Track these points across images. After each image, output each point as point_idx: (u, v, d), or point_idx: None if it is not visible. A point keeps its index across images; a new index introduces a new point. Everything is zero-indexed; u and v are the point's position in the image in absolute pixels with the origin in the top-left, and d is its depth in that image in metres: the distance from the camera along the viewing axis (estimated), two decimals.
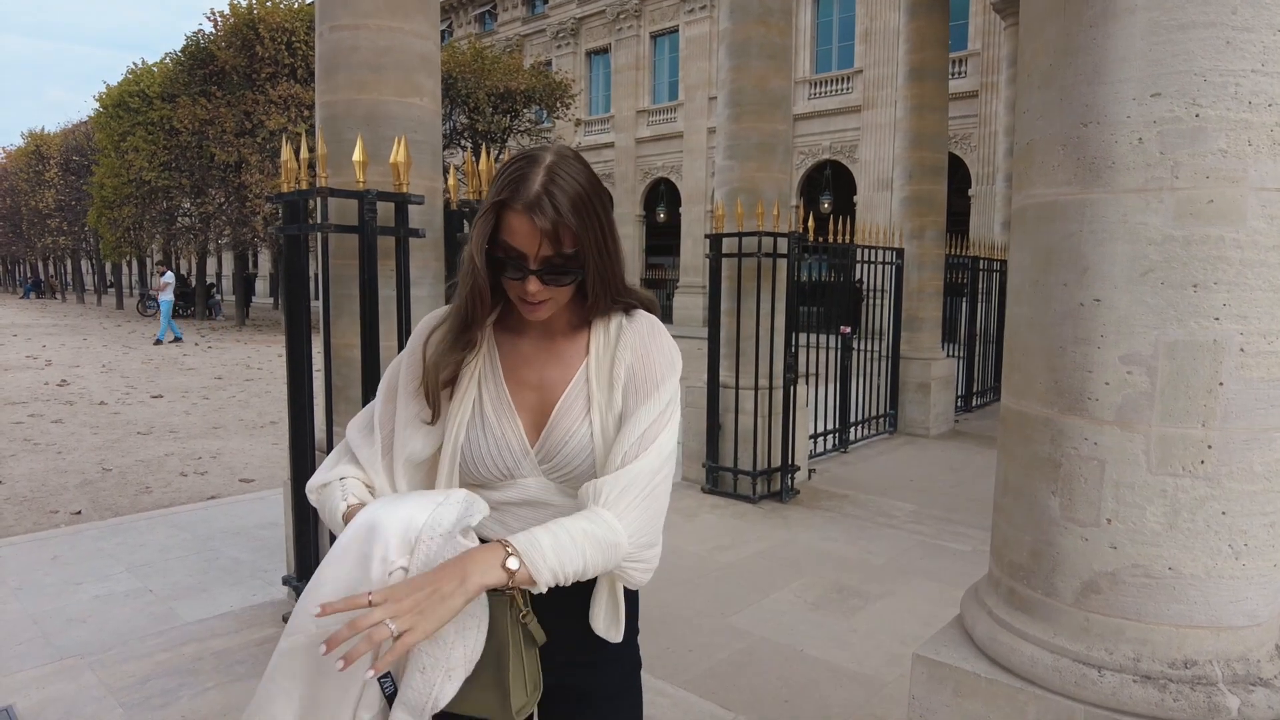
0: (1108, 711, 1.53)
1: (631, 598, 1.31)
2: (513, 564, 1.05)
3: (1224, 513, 1.51)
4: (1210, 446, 1.51)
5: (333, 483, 1.24)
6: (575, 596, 1.22)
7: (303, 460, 3.46)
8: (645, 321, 1.28)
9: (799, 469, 5.81)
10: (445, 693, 1.08)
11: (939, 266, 8.36)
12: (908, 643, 3.31)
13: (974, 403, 9.54)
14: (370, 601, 0.97)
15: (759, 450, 5.55)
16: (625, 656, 1.32)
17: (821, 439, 6.97)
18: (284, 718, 1.08)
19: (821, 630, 3.58)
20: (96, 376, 12.50)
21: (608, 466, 1.19)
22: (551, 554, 1.07)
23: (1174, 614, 1.53)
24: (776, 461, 5.62)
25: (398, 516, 1.09)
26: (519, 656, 1.14)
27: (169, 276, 19.68)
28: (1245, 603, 1.53)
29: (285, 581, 3.63)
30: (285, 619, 3.52)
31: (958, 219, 14.97)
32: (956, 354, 9.12)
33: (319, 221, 3.26)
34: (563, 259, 1.15)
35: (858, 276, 7.56)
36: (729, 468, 5.64)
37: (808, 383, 6.29)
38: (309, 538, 3.45)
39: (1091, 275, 1.57)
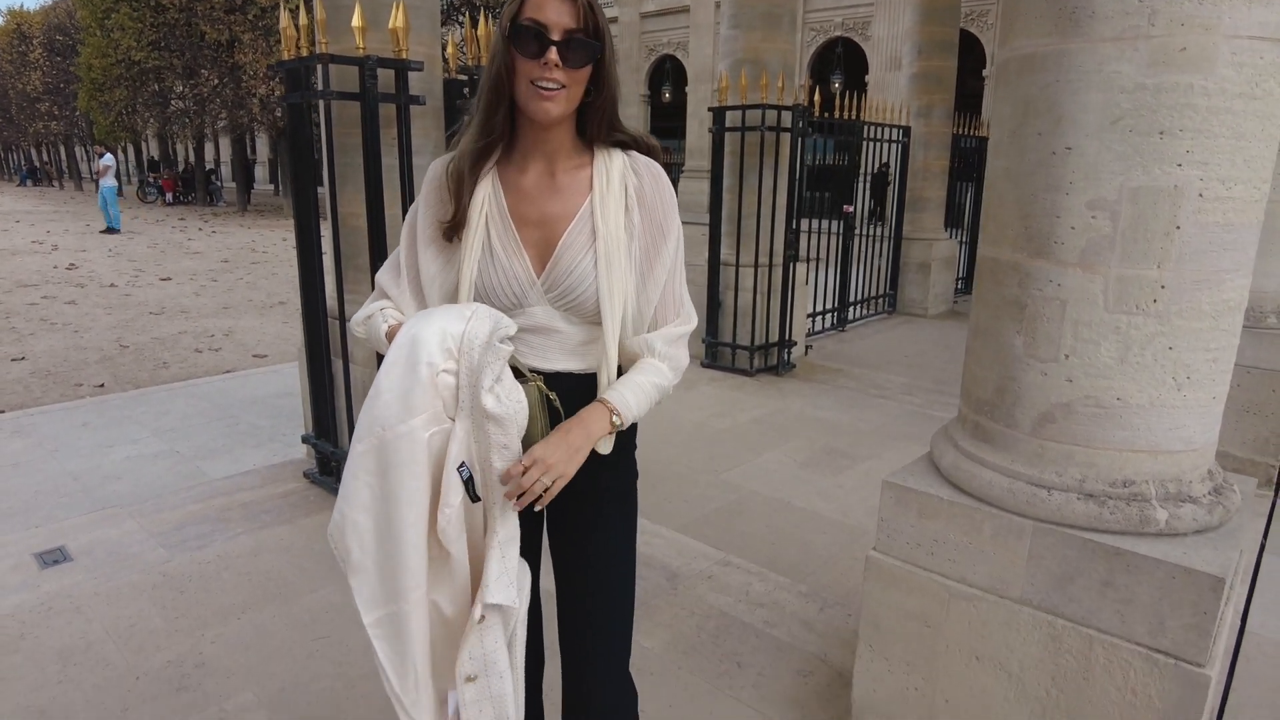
0: (1052, 525, 1.71)
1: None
2: (615, 420, 1.33)
3: (1171, 348, 1.64)
4: (1164, 287, 1.62)
5: (374, 314, 1.43)
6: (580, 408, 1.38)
7: (315, 326, 3.61)
8: (646, 163, 1.39)
9: (796, 344, 5.96)
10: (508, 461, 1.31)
11: (945, 146, 8.25)
12: None
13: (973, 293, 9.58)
14: (525, 467, 1.24)
15: (757, 326, 5.69)
16: (624, 466, 1.48)
17: (820, 318, 7.10)
18: (364, 501, 1.29)
19: (809, 486, 3.81)
20: (104, 260, 12.58)
21: (641, 315, 1.38)
22: (634, 406, 1.36)
23: (1118, 440, 1.69)
24: (774, 337, 5.77)
25: (434, 328, 1.26)
26: (545, 426, 1.35)
27: (108, 159, 18.45)
28: (1183, 430, 1.68)
29: (305, 440, 3.85)
30: (306, 475, 3.78)
31: (971, 100, 14.54)
32: (960, 239, 9.12)
33: (321, 89, 3.28)
34: (583, 38, 1.26)
35: (884, 161, 7.46)
36: (727, 343, 5.80)
37: (809, 266, 6.35)
38: (325, 398, 3.64)
39: (1065, 124, 1.64)
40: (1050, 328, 1.71)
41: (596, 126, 1.35)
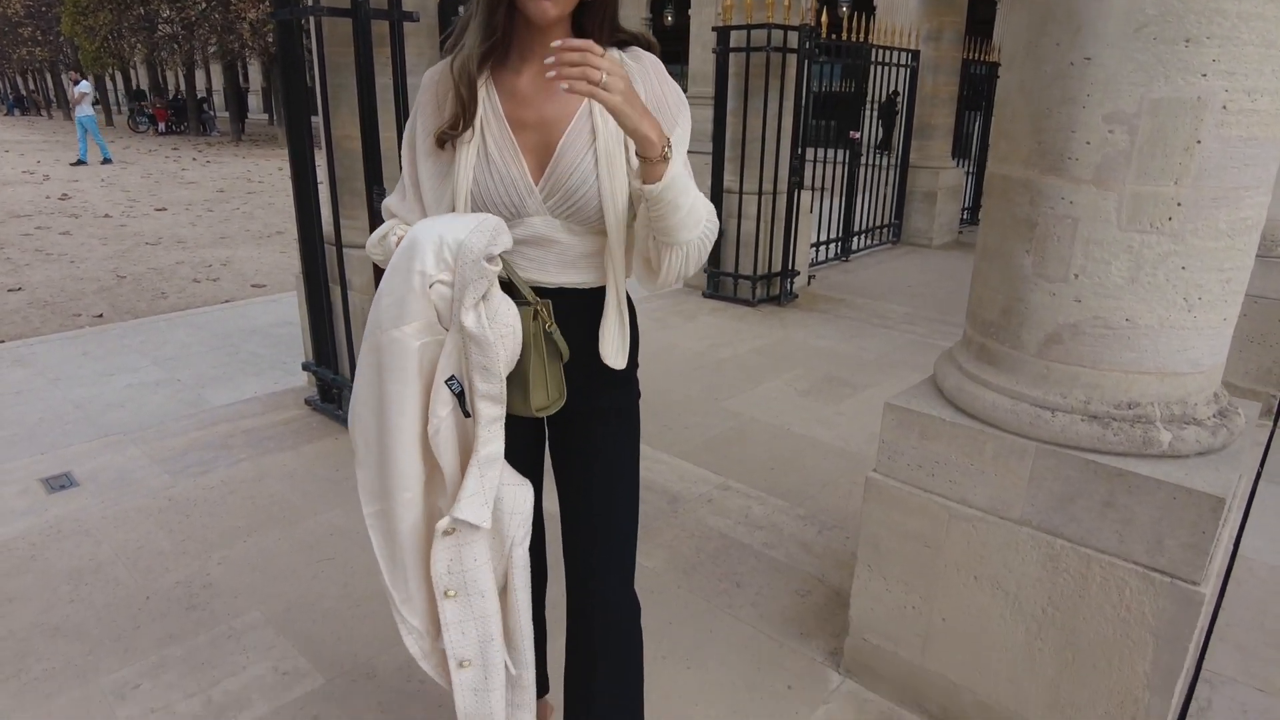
0: (1054, 446, 1.70)
1: (632, 326, 1.44)
2: (665, 150, 1.18)
3: (1184, 268, 1.60)
4: (1180, 204, 1.57)
5: (387, 233, 1.41)
6: (586, 332, 1.37)
7: (312, 251, 3.56)
8: (650, 58, 1.33)
9: (799, 274, 5.91)
10: (502, 384, 1.27)
11: (955, 71, 8.01)
12: None
13: (980, 215, 9.47)
14: (601, 54, 1.09)
15: (760, 255, 5.62)
16: (628, 383, 1.46)
17: (823, 247, 7.02)
18: (365, 397, 1.31)
19: (809, 413, 3.82)
20: (97, 190, 12.40)
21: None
22: (681, 174, 1.22)
23: (1125, 361, 1.67)
24: (777, 266, 5.71)
25: (432, 234, 1.24)
26: (540, 362, 1.31)
27: (85, 85, 17.01)
28: (1191, 351, 1.66)
29: (305, 367, 3.84)
30: (308, 402, 3.78)
31: (981, 26, 14.05)
32: (967, 168, 8.95)
33: (311, 4, 3.15)
34: None
35: (894, 88, 7.25)
36: (729, 273, 5.74)
37: (813, 195, 6.24)
38: (324, 325, 3.62)
39: (1085, 33, 1.57)
40: (1060, 247, 1.67)
41: (596, 26, 1.29)
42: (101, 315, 5.77)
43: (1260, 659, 2.19)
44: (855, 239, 7.45)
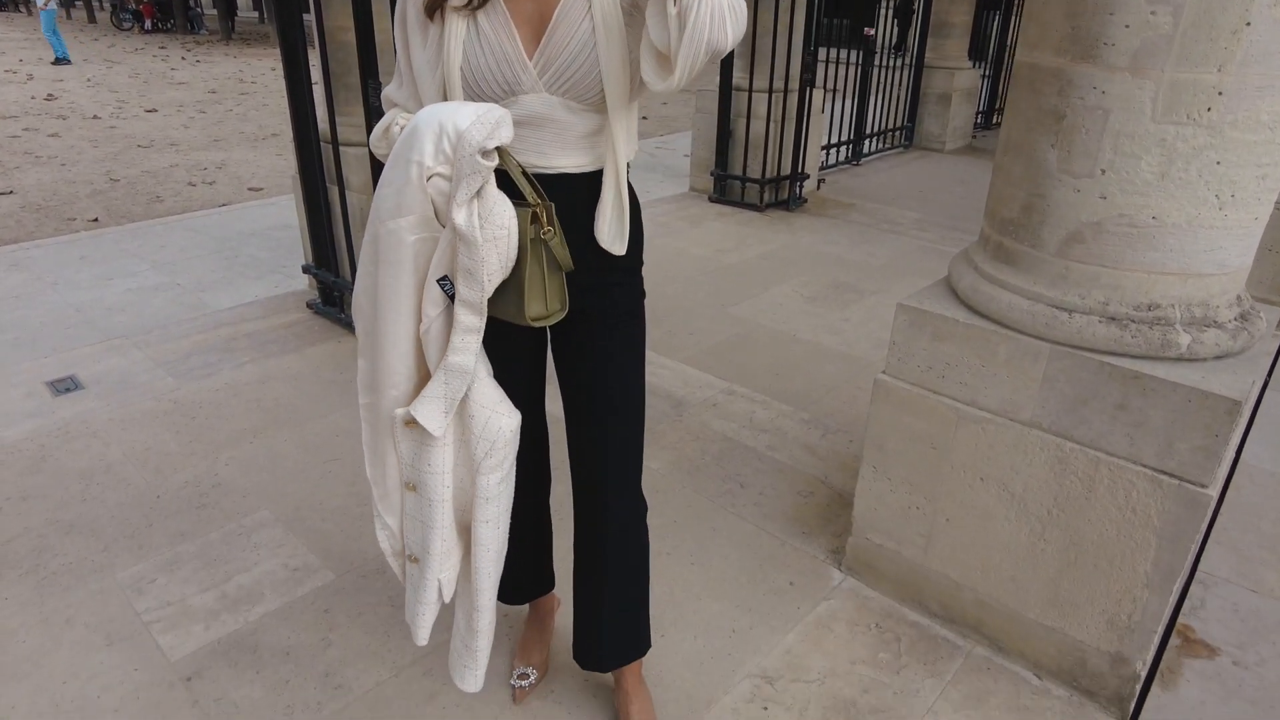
0: (1070, 348, 1.67)
1: (635, 219, 1.37)
2: None
3: (1219, 163, 1.53)
4: (1221, 93, 1.48)
5: (390, 124, 1.32)
6: (586, 219, 1.30)
7: (308, 151, 3.45)
8: None
9: (808, 177, 5.76)
10: (488, 291, 1.20)
11: None
12: None
13: (994, 120, 9.18)
14: None
15: (769, 158, 5.46)
16: (632, 275, 1.41)
17: (834, 150, 6.82)
18: (364, 286, 1.27)
19: (815, 319, 3.78)
20: (83, 91, 12.02)
21: (655, 36, 1.11)
22: None
23: (1148, 261, 1.61)
24: (786, 169, 5.56)
25: (434, 123, 1.15)
26: (539, 270, 1.22)
27: None
28: (1219, 252, 1.60)
29: (305, 270, 3.79)
30: (309, 305, 3.75)
31: None
32: (984, 70, 8.61)
33: None
34: None
35: None
36: (737, 176, 5.59)
37: (825, 95, 6.01)
38: (323, 227, 3.54)
39: None
40: (1089, 140, 1.59)
41: None
42: (96, 219, 5.68)
43: (1254, 561, 2.22)
44: (867, 142, 7.23)
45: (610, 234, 1.31)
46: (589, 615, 1.64)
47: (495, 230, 1.17)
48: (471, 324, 1.22)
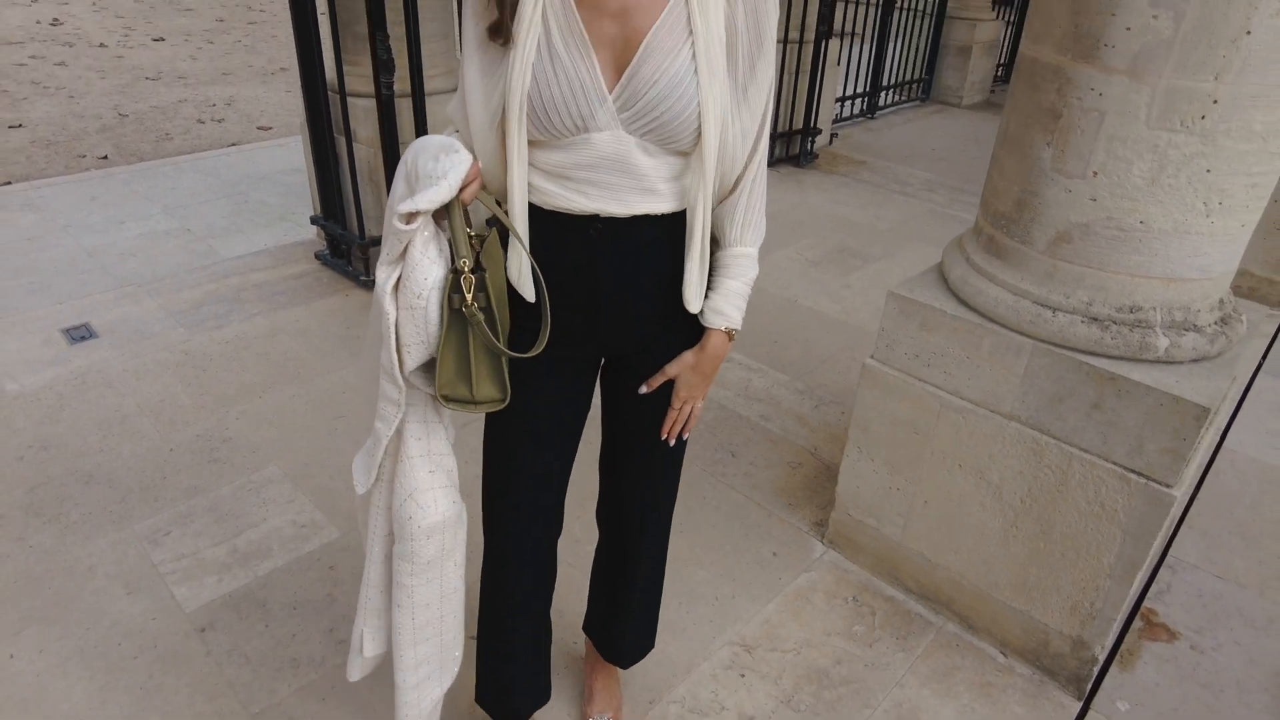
0: (1051, 346, 1.71)
1: None
2: (733, 337, 1.28)
3: (1209, 170, 1.54)
4: (1216, 101, 1.49)
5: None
6: (657, 264, 1.20)
7: (315, 101, 3.45)
8: None
9: (820, 133, 5.68)
10: (405, 363, 1.14)
11: None
12: None
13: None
14: (684, 401, 1.31)
15: (781, 111, 5.39)
16: (695, 322, 1.27)
17: (849, 103, 6.71)
18: (370, 355, 1.20)
19: (817, 285, 3.81)
20: (89, 15, 11.81)
21: (733, 159, 1.13)
22: (740, 317, 1.27)
23: (1133, 264, 1.64)
24: (798, 124, 5.49)
25: (409, 155, 1.09)
26: (458, 346, 1.13)
27: None
28: (1203, 258, 1.63)
29: (313, 221, 3.82)
30: (317, 256, 3.79)
31: None
32: (1009, 17, 8.36)
33: None
34: None
35: None
36: None
37: (842, 42, 5.88)
38: (330, 178, 3.56)
39: None
40: (1083, 141, 1.60)
41: None
42: (106, 157, 5.68)
43: (1223, 547, 2.29)
44: (883, 95, 7.10)
45: (694, 292, 1.20)
46: (614, 618, 1.65)
47: (411, 299, 1.08)
48: (389, 394, 1.15)
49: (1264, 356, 3.26)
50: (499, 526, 1.40)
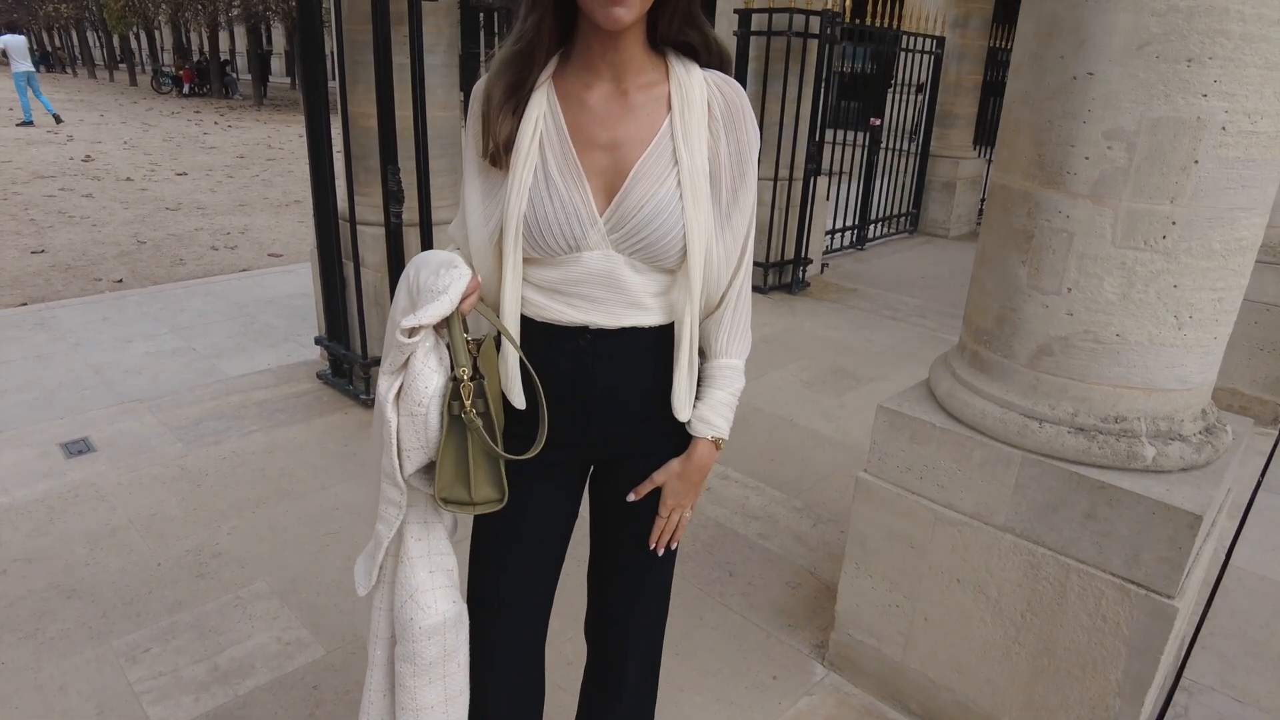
0: (1040, 456, 1.73)
1: None
2: (720, 446, 1.30)
3: (1176, 286, 1.62)
4: (1175, 223, 1.58)
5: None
6: (644, 374, 1.24)
7: (327, 227, 3.61)
8: (737, 98, 1.17)
9: (811, 262, 5.90)
10: (404, 467, 1.18)
11: (979, 60, 7.91)
12: None
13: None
14: (672, 509, 1.31)
15: (773, 242, 5.62)
16: (682, 430, 1.29)
17: (839, 235, 7.00)
18: (372, 461, 1.24)
19: (813, 405, 3.85)
20: (119, 153, 12.49)
21: (718, 278, 1.20)
22: (728, 426, 1.29)
23: (1114, 376, 1.69)
24: (790, 254, 5.71)
25: (410, 269, 1.16)
26: (458, 451, 1.17)
27: (8, 38, 14.90)
28: (1180, 369, 1.68)
29: (317, 341, 3.91)
30: (319, 376, 3.85)
31: (1010, 11, 13.80)
32: (988, 156, 8.85)
33: None
34: None
35: (922, 80, 7.16)
36: None
37: (830, 180, 6.21)
38: (337, 301, 3.67)
39: (1089, 48, 1.57)
40: (1055, 260, 1.69)
41: (669, 21, 1.12)
42: (121, 280, 5.87)
43: (1240, 669, 2.22)
44: (872, 227, 7.42)
45: (682, 401, 1.23)
46: None
47: (412, 407, 1.13)
48: (390, 496, 1.18)
49: (1263, 473, 3.26)
50: (483, 632, 1.37)
